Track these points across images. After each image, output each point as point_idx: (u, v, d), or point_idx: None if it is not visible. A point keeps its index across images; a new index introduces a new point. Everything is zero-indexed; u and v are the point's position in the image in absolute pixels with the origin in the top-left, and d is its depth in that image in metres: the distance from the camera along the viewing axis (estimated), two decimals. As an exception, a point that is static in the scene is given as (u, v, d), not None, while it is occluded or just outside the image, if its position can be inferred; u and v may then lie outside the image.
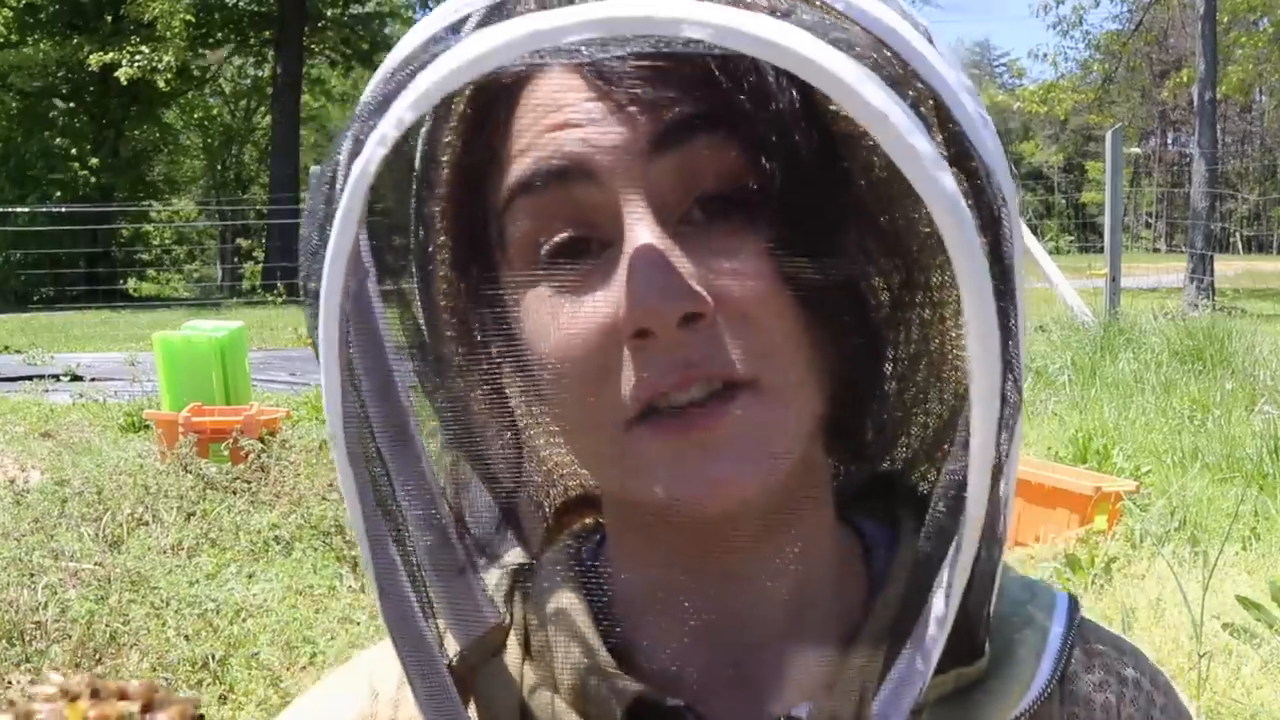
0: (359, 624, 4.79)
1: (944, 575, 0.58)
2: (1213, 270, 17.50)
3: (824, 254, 0.58)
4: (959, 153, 0.55)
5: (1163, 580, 4.65)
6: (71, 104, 30.11)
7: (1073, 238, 36.69)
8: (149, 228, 33.23)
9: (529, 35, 0.52)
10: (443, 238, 0.66)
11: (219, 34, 30.21)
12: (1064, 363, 9.12)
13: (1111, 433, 7.27)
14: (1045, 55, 29.35)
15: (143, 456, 7.34)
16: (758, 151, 0.58)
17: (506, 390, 0.67)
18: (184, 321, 9.49)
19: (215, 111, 37.03)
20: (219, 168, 39.56)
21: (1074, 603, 0.69)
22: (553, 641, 0.66)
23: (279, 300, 19.49)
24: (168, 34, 26.03)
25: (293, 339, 15.51)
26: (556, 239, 0.59)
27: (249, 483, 6.60)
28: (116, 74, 25.74)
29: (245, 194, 38.72)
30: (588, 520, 0.73)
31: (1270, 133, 50.31)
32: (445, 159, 0.65)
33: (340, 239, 0.57)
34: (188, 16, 26.86)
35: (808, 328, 0.58)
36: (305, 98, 31.52)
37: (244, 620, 4.67)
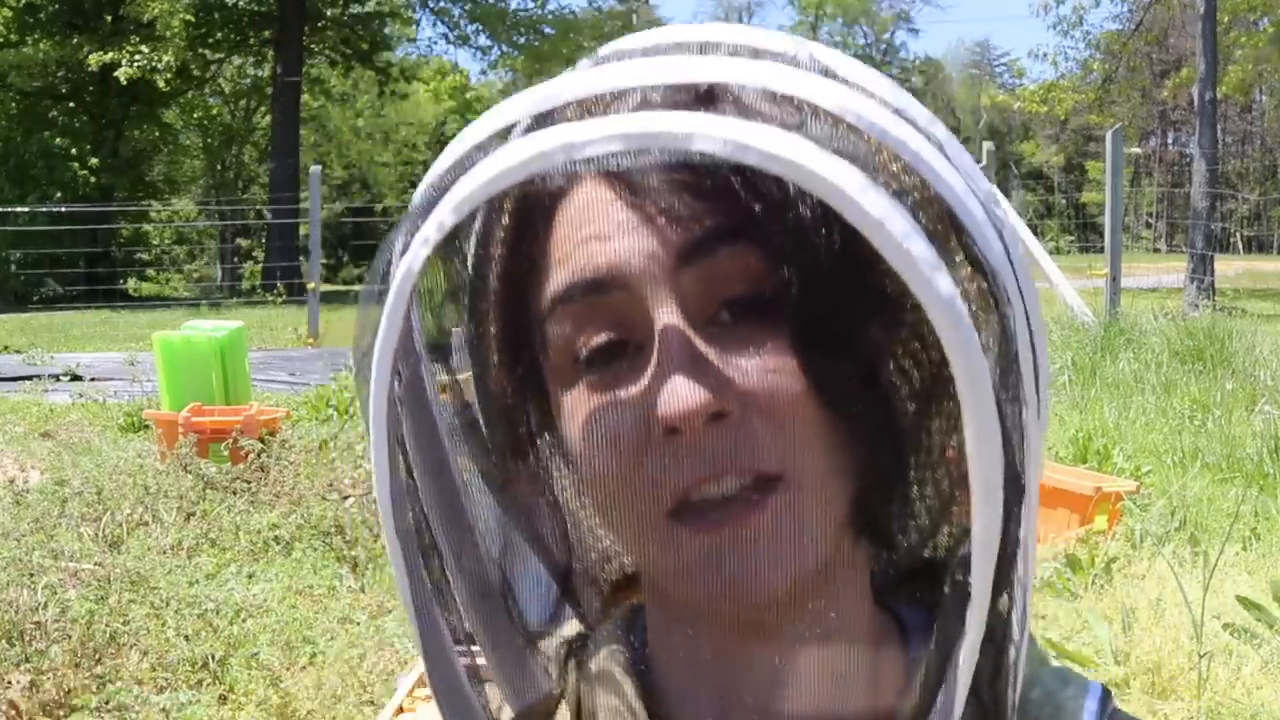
0: (359, 624, 4.78)
1: (957, 653, 0.61)
2: (1213, 270, 17.51)
3: (846, 352, 0.62)
4: (970, 258, 0.58)
5: (1163, 580, 4.65)
6: (71, 104, 30.11)
7: (1073, 238, 36.66)
8: (149, 228, 33.22)
9: (561, 146, 0.57)
10: (492, 334, 0.71)
11: (219, 34, 30.20)
12: (1064, 363, 9.13)
13: (1111, 433, 7.27)
14: (1045, 55, 29.33)
15: (143, 456, 7.34)
16: (779, 258, 0.61)
17: (556, 480, 0.72)
18: (184, 321, 9.49)
19: (215, 111, 37.00)
20: (219, 168, 39.54)
21: (1106, 693, 0.71)
22: (600, 711, 0.69)
23: (279, 300, 19.48)
24: (167, 34, 26.04)
25: (293, 339, 15.52)
26: (594, 343, 0.64)
27: (249, 483, 6.60)
28: (116, 74, 25.75)
29: (245, 194, 38.70)
30: (641, 596, 0.76)
31: (1270, 133, 50.27)
32: (493, 264, 0.69)
33: (387, 334, 0.62)
34: (187, 16, 26.87)
35: (833, 421, 0.62)
36: (305, 98, 31.50)
37: (244, 620, 4.66)
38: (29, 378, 11.49)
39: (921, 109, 0.61)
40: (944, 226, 0.58)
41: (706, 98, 0.59)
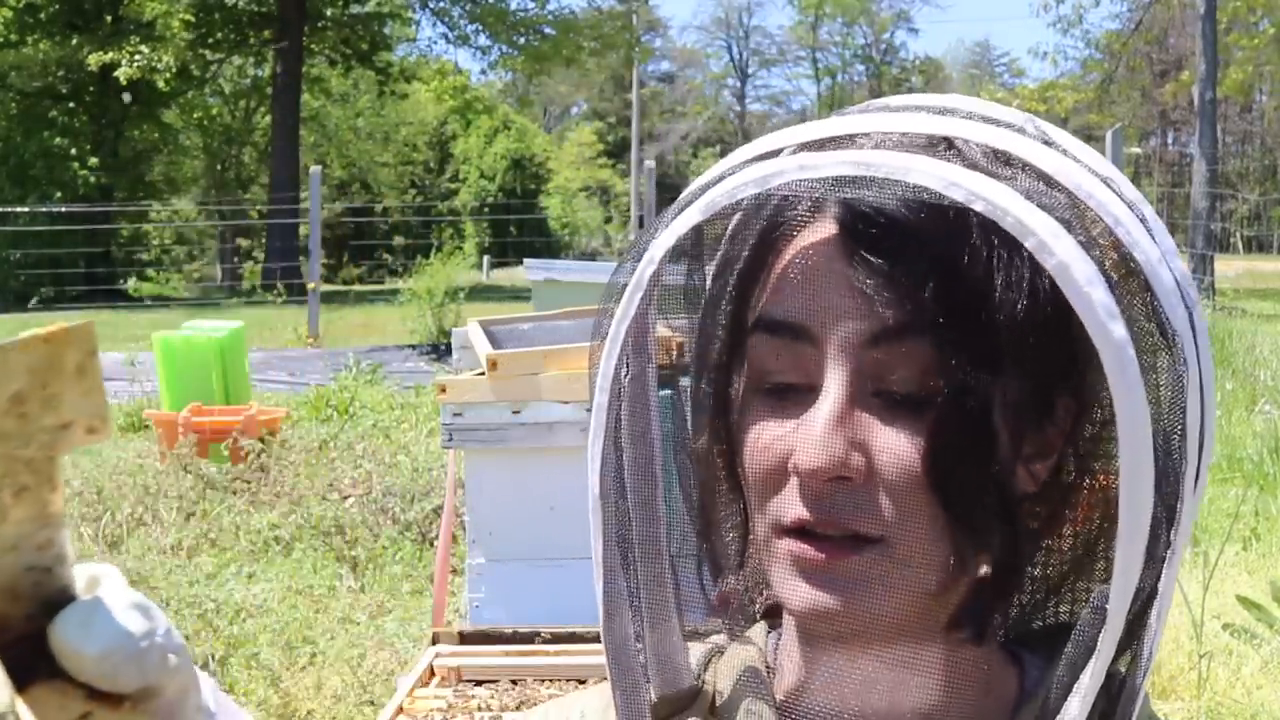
0: (359, 624, 4.79)
1: (1083, 680, 0.66)
2: (1213, 270, 17.49)
3: (973, 456, 0.67)
4: (1156, 321, 0.64)
5: (1163, 580, 4.64)
6: (71, 104, 30.08)
7: (1073, 238, 36.52)
8: (149, 228, 33.20)
9: (797, 167, 0.66)
10: (718, 332, 0.78)
11: (219, 34, 30.17)
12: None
13: (1111, 433, 7.27)
14: (1045, 54, 29.34)
15: (143, 456, 7.35)
16: (953, 361, 0.67)
17: (728, 483, 0.80)
18: (184, 321, 9.49)
19: (215, 111, 36.95)
20: (219, 168, 39.50)
21: None
22: (738, 711, 0.77)
23: (279, 300, 19.43)
24: (167, 34, 26.02)
25: (293, 339, 15.51)
26: (775, 380, 0.72)
27: (249, 483, 6.60)
28: (116, 74, 25.72)
29: (245, 194, 38.65)
30: (782, 619, 0.83)
31: (1270, 133, 50.21)
32: (733, 268, 0.77)
33: (626, 305, 0.71)
34: (187, 16, 26.85)
35: (949, 504, 0.68)
36: (305, 98, 31.48)
37: (244, 620, 4.66)
38: (29, 378, 11.47)
39: (1130, 185, 0.69)
40: (1134, 287, 0.64)
41: (933, 147, 0.67)
